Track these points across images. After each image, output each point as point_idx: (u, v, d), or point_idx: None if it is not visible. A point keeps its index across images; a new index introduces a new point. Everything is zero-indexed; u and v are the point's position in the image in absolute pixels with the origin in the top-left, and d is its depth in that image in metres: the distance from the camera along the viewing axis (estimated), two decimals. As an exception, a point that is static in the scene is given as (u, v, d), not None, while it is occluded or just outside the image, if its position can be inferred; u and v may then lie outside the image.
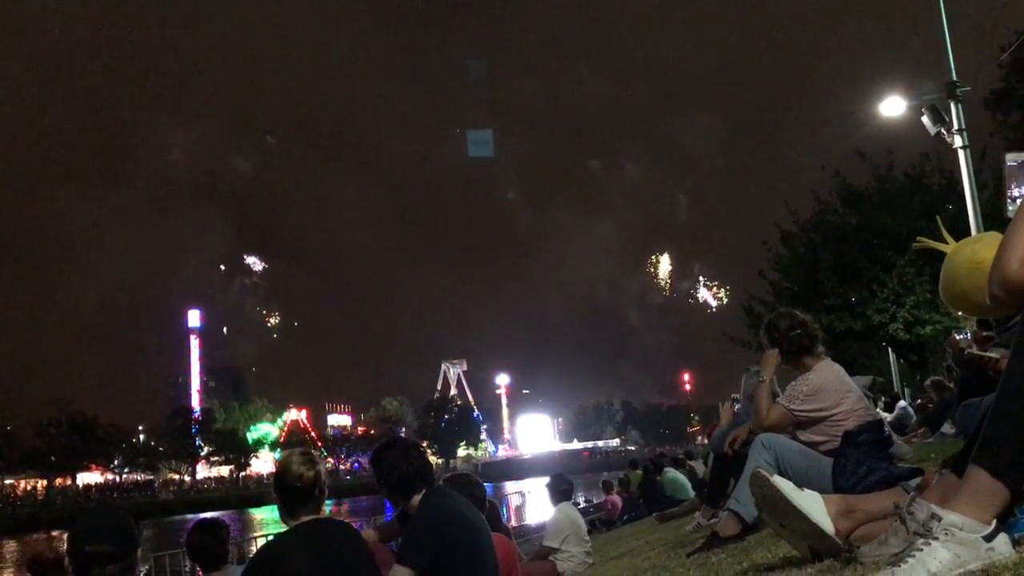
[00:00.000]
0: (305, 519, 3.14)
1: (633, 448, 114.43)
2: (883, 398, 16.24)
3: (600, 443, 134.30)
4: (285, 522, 3.20)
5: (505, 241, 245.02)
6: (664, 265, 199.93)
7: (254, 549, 15.23)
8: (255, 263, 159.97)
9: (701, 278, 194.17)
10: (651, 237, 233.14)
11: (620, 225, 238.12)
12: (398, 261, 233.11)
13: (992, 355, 5.38)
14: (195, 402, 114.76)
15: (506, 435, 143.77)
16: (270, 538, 3.34)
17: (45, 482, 78.14)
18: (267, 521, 42.16)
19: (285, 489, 3.17)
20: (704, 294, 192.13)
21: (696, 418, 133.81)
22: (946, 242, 2.88)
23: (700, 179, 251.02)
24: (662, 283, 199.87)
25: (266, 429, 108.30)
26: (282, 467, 3.21)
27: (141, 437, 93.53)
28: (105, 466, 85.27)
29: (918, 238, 3.17)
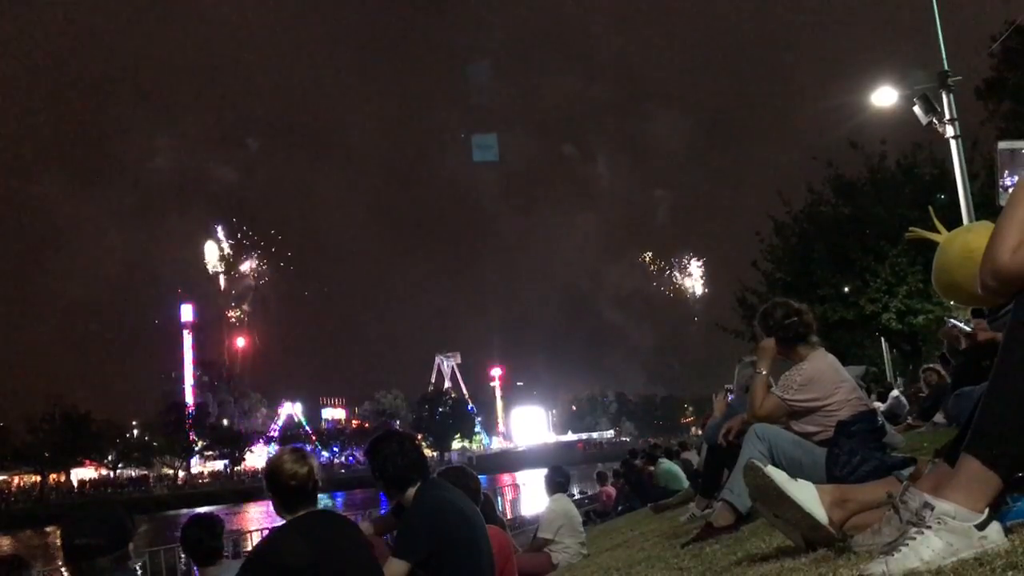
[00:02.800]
0: (302, 512, 3.15)
1: (628, 439, 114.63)
2: (877, 388, 16.32)
3: (595, 435, 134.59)
4: (282, 516, 3.20)
5: (496, 235, 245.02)
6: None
7: (249, 544, 15.27)
8: (248, 258, 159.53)
9: (691, 271, 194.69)
10: (640, 230, 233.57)
11: (609, 218, 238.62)
12: (390, 256, 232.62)
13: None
14: (189, 397, 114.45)
15: (500, 428, 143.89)
16: (267, 531, 3.35)
17: (39, 478, 78.06)
18: (262, 516, 42.14)
19: (280, 488, 3.18)
20: (693, 284, 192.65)
21: (690, 409, 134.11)
22: (938, 232, 2.88)
23: (689, 171, 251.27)
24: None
25: (260, 423, 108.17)
26: (275, 466, 3.21)
27: (135, 432, 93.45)
28: (99, 462, 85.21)
29: (911, 228, 3.16)
